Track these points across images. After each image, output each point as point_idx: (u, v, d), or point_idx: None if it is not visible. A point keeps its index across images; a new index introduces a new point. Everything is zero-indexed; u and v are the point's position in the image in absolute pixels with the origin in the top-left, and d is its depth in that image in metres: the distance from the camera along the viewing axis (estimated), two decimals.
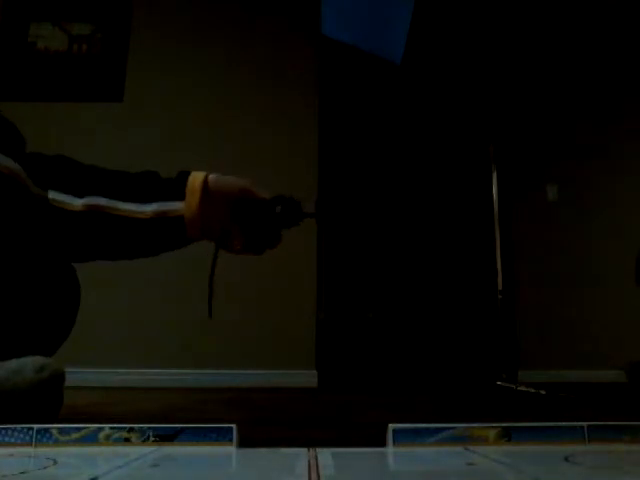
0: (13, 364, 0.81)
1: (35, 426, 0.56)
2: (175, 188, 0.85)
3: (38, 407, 0.79)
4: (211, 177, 0.89)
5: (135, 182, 0.87)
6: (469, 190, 3.28)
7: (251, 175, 2.96)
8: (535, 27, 3.20)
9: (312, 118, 2.69)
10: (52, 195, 0.84)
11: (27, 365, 0.81)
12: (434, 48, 3.55)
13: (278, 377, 2.35)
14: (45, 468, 0.46)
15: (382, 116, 3.41)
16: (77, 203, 0.84)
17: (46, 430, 0.56)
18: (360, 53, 3.41)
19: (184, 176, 0.88)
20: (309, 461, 0.48)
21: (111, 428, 0.56)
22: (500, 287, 3.01)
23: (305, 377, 2.38)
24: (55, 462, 0.48)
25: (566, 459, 0.48)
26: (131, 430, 0.56)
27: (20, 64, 2.69)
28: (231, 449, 0.55)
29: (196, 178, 0.87)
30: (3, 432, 0.55)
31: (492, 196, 3.15)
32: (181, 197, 0.84)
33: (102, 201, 0.83)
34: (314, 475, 0.41)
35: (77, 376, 0.99)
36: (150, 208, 0.82)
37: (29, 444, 0.55)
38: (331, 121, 3.03)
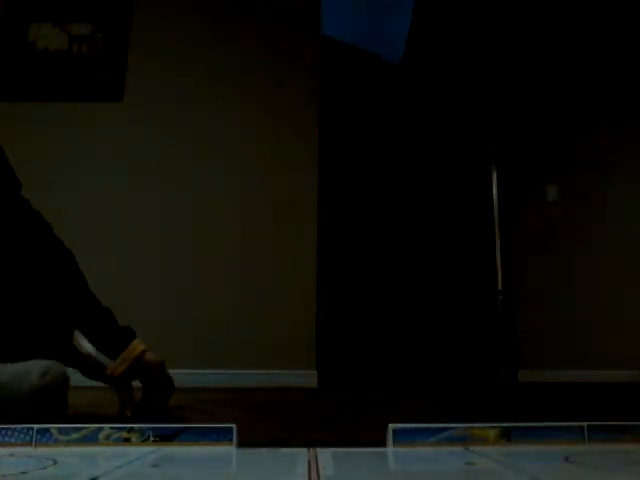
0: (17, 368, 0.81)
1: (35, 426, 0.56)
2: (116, 344, 0.97)
3: (41, 411, 0.79)
4: (147, 355, 0.99)
5: (94, 316, 0.99)
6: (469, 190, 3.28)
7: (251, 174, 2.96)
8: (535, 28, 3.20)
9: (312, 118, 2.69)
10: None
11: (31, 369, 0.81)
12: (434, 48, 3.55)
13: (278, 377, 2.34)
14: (45, 468, 0.46)
15: (382, 116, 3.41)
16: None
17: (46, 430, 0.56)
18: (360, 53, 3.41)
19: (129, 336, 0.99)
20: (309, 461, 0.48)
21: (111, 428, 0.56)
22: (500, 287, 3.02)
23: (305, 377, 2.38)
24: (55, 462, 0.48)
25: (566, 459, 0.48)
26: (131, 430, 0.56)
27: (20, 64, 2.69)
28: (231, 449, 0.55)
29: (135, 349, 0.97)
30: (3, 432, 0.55)
31: (492, 196, 3.15)
32: (115, 355, 0.95)
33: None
34: (314, 475, 0.41)
35: (77, 376, 0.99)
36: (88, 348, 0.93)
37: (29, 444, 0.55)
38: (331, 121, 3.04)
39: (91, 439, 0.55)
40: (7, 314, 0.92)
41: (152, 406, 1.00)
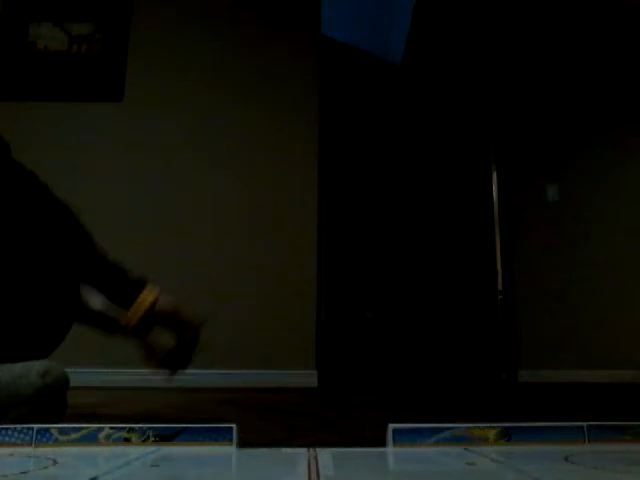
0: (18, 368, 0.81)
1: (35, 426, 0.56)
2: (128, 296, 0.94)
3: (42, 411, 0.79)
4: (160, 300, 0.97)
5: (103, 272, 0.96)
6: (469, 190, 3.28)
7: (252, 174, 2.95)
8: (535, 28, 3.20)
9: (312, 118, 2.69)
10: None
11: (32, 370, 0.80)
12: (434, 48, 3.55)
13: (278, 377, 2.34)
14: (45, 468, 0.46)
15: (382, 116, 3.41)
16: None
17: (46, 430, 0.56)
18: (360, 53, 3.41)
19: (139, 286, 0.97)
20: (309, 461, 0.48)
21: (111, 428, 0.56)
22: (500, 287, 3.02)
23: (305, 377, 2.38)
24: (55, 462, 0.48)
25: (566, 459, 0.48)
26: (131, 430, 0.56)
27: (20, 64, 2.69)
28: (231, 449, 0.55)
29: (146, 299, 0.95)
30: (3, 432, 0.55)
31: (492, 196, 3.15)
32: (127, 306, 0.94)
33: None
34: (314, 475, 0.41)
35: (77, 376, 0.99)
36: (99, 303, 0.92)
37: (29, 444, 0.55)
38: (331, 121, 3.03)
39: (91, 439, 0.55)
40: (11, 282, 0.90)
41: (182, 350, 0.98)
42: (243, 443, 0.56)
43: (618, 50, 3.19)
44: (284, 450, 0.56)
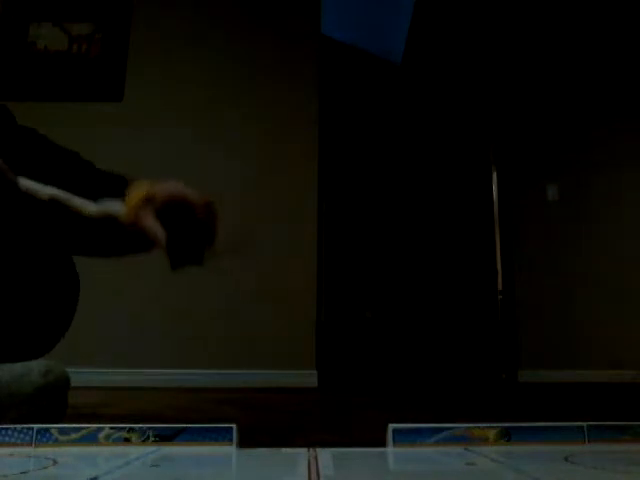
0: (18, 367, 0.81)
1: (35, 426, 0.56)
2: (121, 189, 0.85)
3: (43, 411, 0.79)
4: (158, 187, 0.87)
5: (92, 178, 0.89)
6: (469, 190, 3.28)
7: (251, 175, 2.95)
8: (535, 28, 3.20)
9: (312, 118, 2.69)
10: (23, 182, 0.84)
11: (33, 369, 0.80)
12: (434, 48, 3.55)
13: (278, 377, 2.34)
14: (45, 468, 0.46)
15: (382, 116, 3.41)
16: (44, 192, 0.83)
17: (46, 430, 0.56)
18: (360, 53, 3.41)
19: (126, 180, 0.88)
20: (309, 461, 0.48)
21: (111, 428, 0.56)
22: (500, 287, 3.02)
23: (305, 377, 2.38)
24: (55, 462, 0.48)
25: (566, 459, 0.48)
26: (131, 430, 0.56)
27: (20, 64, 2.69)
28: (231, 449, 0.54)
29: (140, 187, 0.85)
30: (3, 432, 0.55)
31: (492, 196, 3.15)
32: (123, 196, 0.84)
33: (60, 193, 0.83)
34: (314, 475, 0.41)
35: (77, 376, 0.99)
36: (95, 207, 0.81)
37: (29, 444, 0.55)
38: (331, 121, 3.04)
39: (91, 439, 0.55)
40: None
41: (196, 236, 0.86)
42: (243, 443, 0.56)
43: (618, 50, 3.19)
44: (284, 450, 0.56)
